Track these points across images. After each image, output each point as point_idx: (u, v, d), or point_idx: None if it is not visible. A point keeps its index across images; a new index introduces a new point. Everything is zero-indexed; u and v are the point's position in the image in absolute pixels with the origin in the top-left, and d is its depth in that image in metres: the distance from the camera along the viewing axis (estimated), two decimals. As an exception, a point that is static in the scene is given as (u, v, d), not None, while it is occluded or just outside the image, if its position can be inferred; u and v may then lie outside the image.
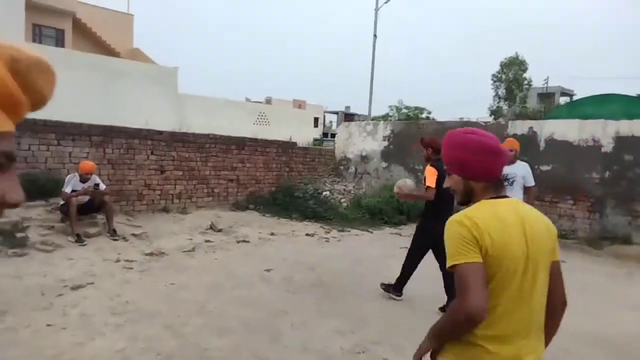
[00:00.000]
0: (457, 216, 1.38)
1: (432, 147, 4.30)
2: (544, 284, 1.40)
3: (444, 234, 1.40)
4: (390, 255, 6.23)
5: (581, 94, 33.98)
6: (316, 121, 30.15)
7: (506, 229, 1.34)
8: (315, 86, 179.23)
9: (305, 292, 4.63)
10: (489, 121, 15.68)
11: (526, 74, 35.54)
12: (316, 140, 20.01)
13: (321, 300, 4.42)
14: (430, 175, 4.19)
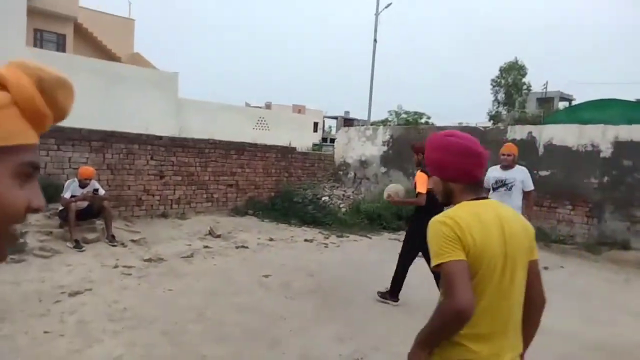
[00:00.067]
0: (439, 217, 1.41)
1: (422, 152, 4.34)
2: (522, 283, 1.43)
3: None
4: (389, 260, 6.17)
5: (580, 98, 34.15)
6: (315, 126, 30.20)
7: (486, 228, 1.37)
8: (315, 86, 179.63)
9: (304, 298, 4.62)
10: (488, 126, 15.67)
11: (525, 79, 35.63)
12: (315, 146, 20.06)
13: (320, 306, 4.41)
14: (421, 180, 4.24)
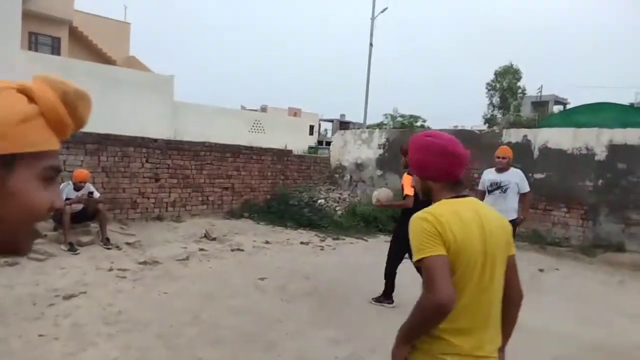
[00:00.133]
0: (420, 213, 1.45)
1: None
2: (500, 278, 1.47)
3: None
4: (385, 263, 6.20)
5: (575, 102, 34.30)
6: (311, 129, 30.21)
7: (466, 226, 1.41)
8: (312, 87, 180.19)
9: (300, 301, 4.61)
10: (483, 129, 15.76)
11: (520, 83, 35.86)
12: (311, 148, 20.06)
13: (316, 309, 4.40)
14: (407, 182, 4.25)
